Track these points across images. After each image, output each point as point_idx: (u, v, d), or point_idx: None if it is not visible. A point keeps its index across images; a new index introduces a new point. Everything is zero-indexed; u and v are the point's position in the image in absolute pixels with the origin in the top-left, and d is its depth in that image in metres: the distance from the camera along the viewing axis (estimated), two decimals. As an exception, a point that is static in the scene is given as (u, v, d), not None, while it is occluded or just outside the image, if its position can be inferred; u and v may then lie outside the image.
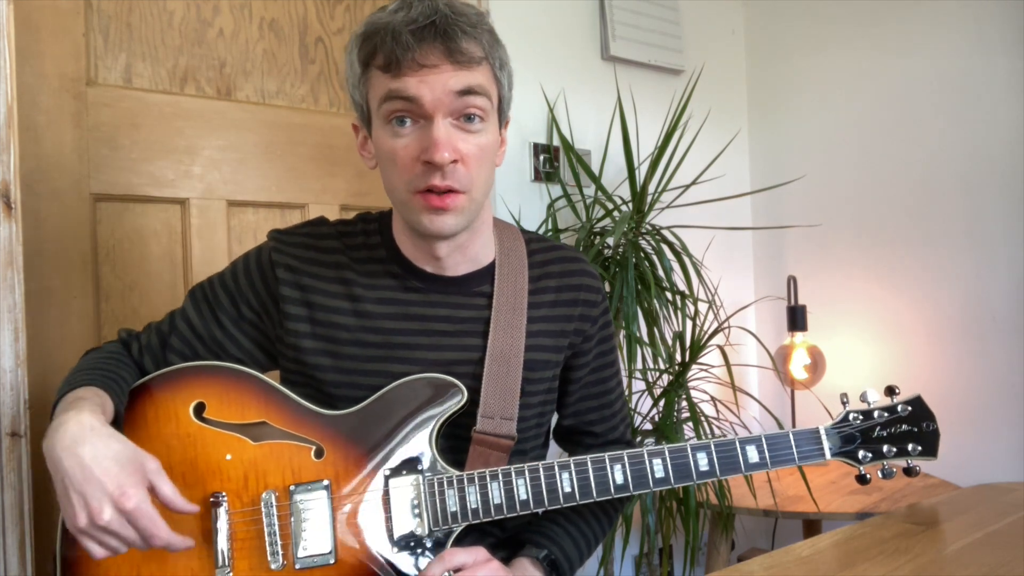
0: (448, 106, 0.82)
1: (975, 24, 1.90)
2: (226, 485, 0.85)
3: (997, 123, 1.86)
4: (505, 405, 0.92)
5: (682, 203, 1.84)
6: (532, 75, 1.89)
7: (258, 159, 1.50)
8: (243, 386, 0.89)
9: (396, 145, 0.84)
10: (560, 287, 0.99)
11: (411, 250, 0.94)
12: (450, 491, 0.86)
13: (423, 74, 0.81)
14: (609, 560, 1.72)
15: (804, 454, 0.91)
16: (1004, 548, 0.85)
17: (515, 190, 1.86)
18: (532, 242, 1.01)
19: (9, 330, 1.17)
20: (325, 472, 0.86)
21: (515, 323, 0.94)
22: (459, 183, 0.84)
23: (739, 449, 0.90)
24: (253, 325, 0.97)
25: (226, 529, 0.83)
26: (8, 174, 1.18)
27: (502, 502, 0.86)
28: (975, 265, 1.91)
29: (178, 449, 0.85)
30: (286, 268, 0.94)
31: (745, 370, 2.32)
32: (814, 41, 2.26)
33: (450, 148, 0.82)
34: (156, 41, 1.41)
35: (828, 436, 0.92)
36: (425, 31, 0.80)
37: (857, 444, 0.93)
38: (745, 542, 2.30)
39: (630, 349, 1.66)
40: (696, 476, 0.89)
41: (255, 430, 0.87)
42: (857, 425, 0.93)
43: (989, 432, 1.88)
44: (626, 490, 0.88)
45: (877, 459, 0.93)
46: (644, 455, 0.89)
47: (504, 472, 0.87)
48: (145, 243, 1.39)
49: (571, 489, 0.87)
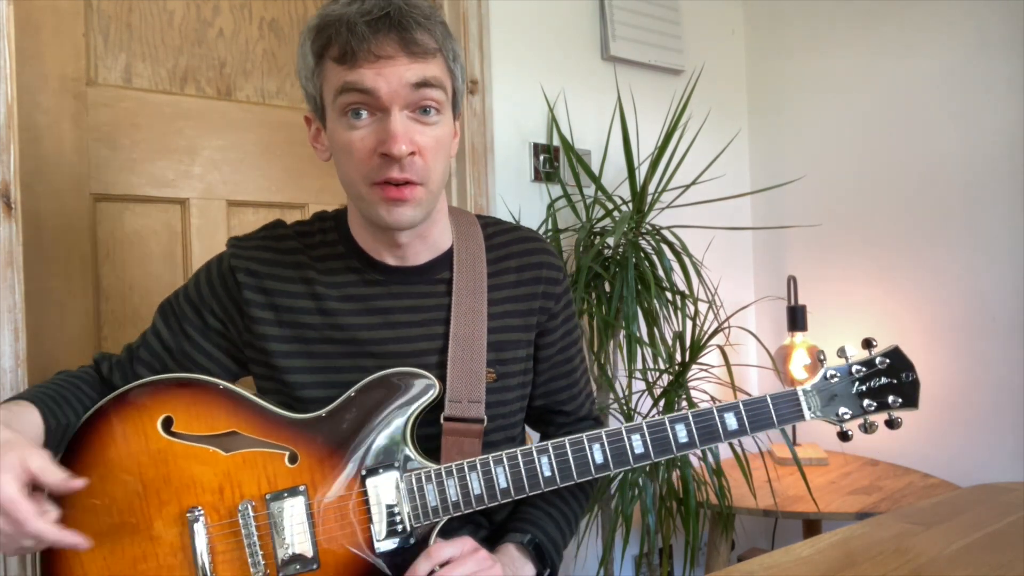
0: (404, 98, 0.82)
1: (975, 24, 1.90)
2: (201, 499, 0.84)
3: (997, 123, 1.86)
4: (471, 389, 0.92)
5: (682, 203, 1.84)
6: (532, 75, 1.89)
7: (258, 159, 1.50)
8: (210, 397, 0.87)
9: (352, 137, 0.84)
10: (521, 267, 0.99)
11: (370, 243, 0.95)
12: (429, 486, 0.85)
13: (379, 66, 0.81)
14: (609, 560, 1.72)
15: (784, 417, 0.89)
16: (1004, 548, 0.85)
17: (515, 190, 1.86)
18: (489, 226, 1.02)
19: (9, 330, 1.17)
20: (301, 477, 0.85)
21: (476, 307, 0.95)
22: (417, 175, 0.84)
23: (717, 417, 0.88)
24: (219, 333, 0.97)
25: (205, 543, 0.83)
26: (8, 174, 1.18)
27: (482, 492, 0.86)
28: (975, 265, 1.91)
29: (149, 466, 0.84)
30: (246, 272, 0.94)
31: (745, 370, 2.32)
32: (814, 41, 2.26)
33: (407, 140, 0.82)
34: (156, 41, 1.41)
35: (807, 397, 0.91)
36: (380, 22, 0.80)
37: (836, 401, 0.91)
38: (745, 542, 2.30)
39: (630, 349, 1.65)
40: (676, 448, 0.88)
41: (226, 440, 0.85)
42: (835, 383, 0.92)
43: (989, 432, 1.87)
44: (606, 469, 0.87)
45: (857, 415, 0.91)
46: (623, 432, 0.88)
47: (482, 462, 0.86)
48: (145, 243, 1.39)
49: (551, 473, 0.87)
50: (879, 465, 2.01)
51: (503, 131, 1.82)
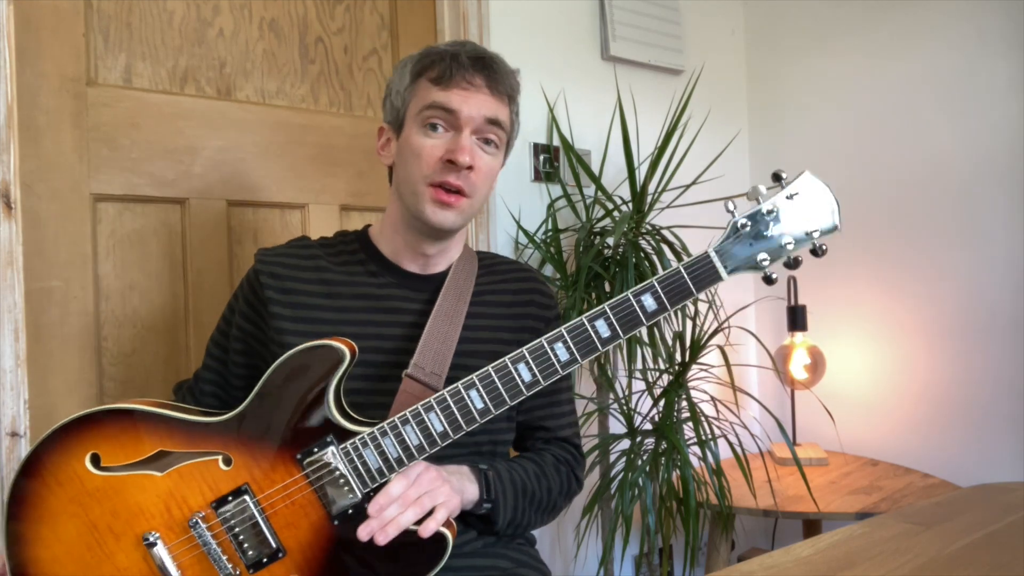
0: (476, 125, 1.00)
1: (975, 24, 1.90)
2: (152, 523, 0.85)
3: (997, 123, 1.86)
4: (436, 364, 0.98)
5: (682, 203, 1.84)
6: (532, 75, 1.89)
7: (258, 159, 1.50)
8: (126, 424, 0.88)
9: (425, 143, 1.00)
10: (517, 291, 1.12)
11: (398, 249, 1.07)
12: (367, 450, 0.87)
13: (467, 93, 0.99)
14: (609, 560, 1.72)
15: (700, 281, 0.88)
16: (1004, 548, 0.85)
17: (515, 190, 1.86)
18: (486, 258, 1.17)
19: (9, 330, 1.17)
20: (240, 477, 0.87)
21: (457, 309, 1.04)
22: (468, 187, 1.00)
23: (635, 303, 0.88)
24: (254, 336, 1.06)
25: (171, 563, 0.85)
26: (8, 174, 1.18)
27: (421, 441, 0.88)
28: (975, 265, 1.91)
29: (93, 505, 0.85)
30: (269, 275, 1.04)
31: (745, 370, 2.32)
32: (814, 41, 2.26)
33: (471, 154, 0.98)
34: (156, 41, 1.41)
35: (720, 255, 0.89)
36: (478, 61, 1.00)
37: (752, 248, 0.88)
38: (745, 542, 2.30)
39: (630, 349, 1.66)
40: (601, 344, 0.88)
41: (157, 462, 0.87)
42: (747, 231, 0.88)
43: (989, 432, 1.87)
44: (537, 384, 0.89)
45: (778, 256, 0.88)
46: (543, 344, 0.89)
47: (413, 413, 0.88)
48: (145, 243, 1.39)
49: (483, 404, 0.89)
50: (879, 465, 2.01)
51: (503, 131, 1.82)
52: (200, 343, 1.42)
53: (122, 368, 1.36)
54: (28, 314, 1.23)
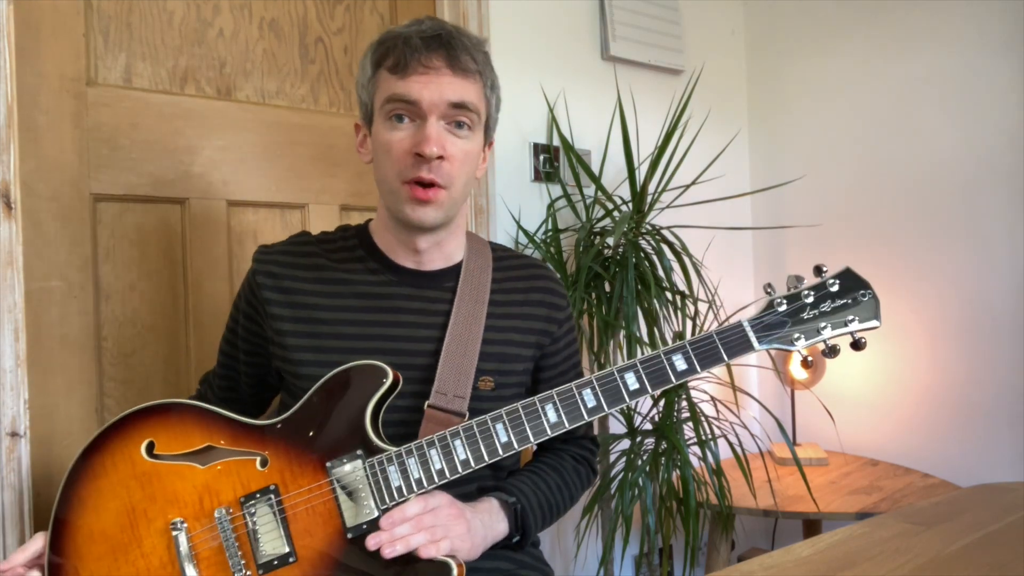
0: (442, 111, 0.93)
1: (975, 24, 1.90)
2: (183, 511, 0.89)
3: (997, 123, 1.86)
4: (458, 384, 0.98)
5: (682, 203, 1.84)
6: (532, 75, 1.89)
7: (258, 159, 1.50)
8: (186, 417, 0.93)
9: (392, 138, 0.95)
10: (528, 289, 1.08)
11: (392, 246, 1.04)
12: (391, 468, 0.89)
13: (426, 77, 0.92)
14: (609, 560, 1.72)
15: (732, 350, 0.89)
16: (1004, 548, 0.85)
17: (515, 190, 1.86)
18: (499, 251, 1.12)
19: (9, 330, 1.17)
20: (271, 478, 0.90)
21: (475, 313, 1.02)
22: (442, 178, 0.94)
23: (665, 361, 0.89)
24: (256, 335, 1.06)
25: (188, 552, 0.88)
26: (8, 174, 1.18)
27: (443, 466, 0.89)
28: (975, 265, 1.91)
29: (136, 489, 0.90)
30: (266, 275, 1.03)
31: (745, 370, 2.32)
32: (814, 41, 2.26)
33: (439, 144, 0.92)
34: (156, 41, 1.41)
35: (753, 328, 0.90)
36: (432, 40, 0.93)
37: (788, 328, 0.90)
38: (745, 542, 2.30)
39: (630, 349, 1.66)
40: (628, 396, 0.90)
41: (203, 455, 0.91)
42: (783, 311, 0.90)
43: (989, 432, 1.87)
44: (561, 427, 0.90)
45: (812, 338, 0.89)
46: (573, 390, 0.90)
47: (440, 437, 0.90)
48: (145, 243, 1.39)
49: (508, 438, 0.90)
50: (879, 465, 2.01)
51: (503, 131, 1.82)
52: (200, 343, 1.42)
53: (122, 368, 1.36)
54: (28, 314, 1.23)
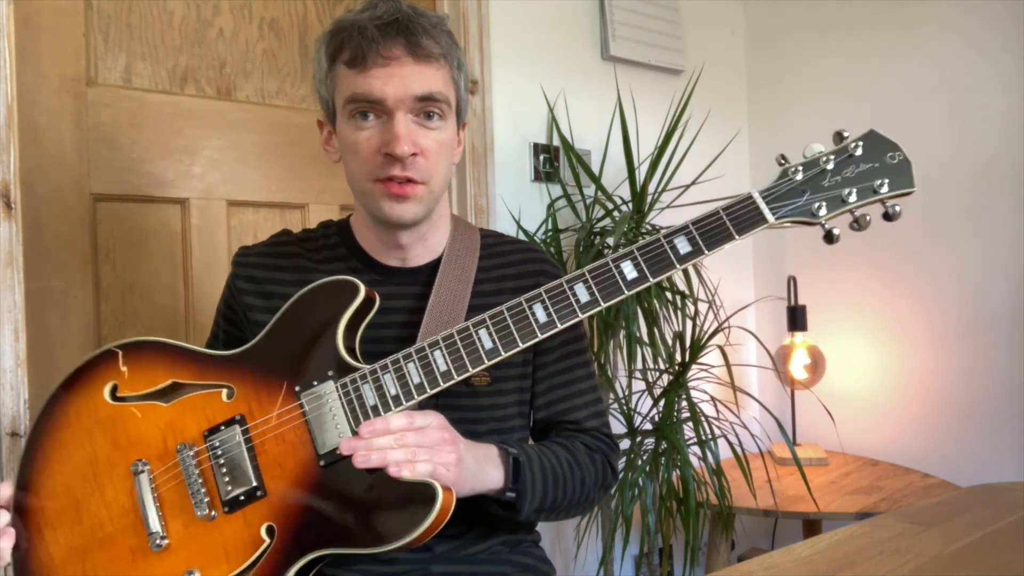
0: (408, 105, 0.87)
1: (975, 24, 1.90)
2: (146, 452, 0.84)
3: (997, 123, 1.86)
4: None
5: (682, 203, 1.84)
6: (532, 75, 1.89)
7: (258, 159, 1.50)
8: (148, 355, 0.87)
9: (359, 138, 0.88)
10: (520, 275, 1.01)
11: (374, 244, 0.98)
12: (365, 386, 0.82)
13: (387, 70, 0.85)
14: (609, 560, 1.72)
15: (742, 226, 0.79)
16: (1004, 548, 0.85)
17: (515, 190, 1.86)
18: (488, 236, 1.05)
19: (9, 330, 1.17)
20: (237, 408, 0.84)
21: (459, 292, 0.95)
22: (418, 174, 0.88)
23: (666, 244, 0.80)
24: (235, 339, 1.01)
25: (151, 494, 0.82)
26: (8, 174, 1.18)
27: (422, 380, 0.81)
28: (975, 264, 1.91)
29: (99, 435, 0.85)
30: (245, 279, 0.99)
31: (745, 370, 2.32)
32: (814, 41, 2.26)
33: (410, 142, 0.86)
34: (156, 41, 1.41)
35: (765, 198, 0.79)
36: (389, 27, 0.85)
37: (807, 197, 0.78)
38: (745, 542, 2.30)
39: (630, 349, 1.66)
40: (626, 287, 0.80)
41: (167, 393, 0.86)
42: (800, 179, 0.79)
43: (989, 432, 1.87)
44: (552, 326, 0.81)
45: (837, 207, 0.78)
46: (563, 285, 0.82)
47: (417, 349, 0.82)
48: (145, 243, 1.39)
49: (493, 344, 0.81)
50: (879, 465, 2.01)
51: (503, 131, 1.82)
52: (200, 343, 1.41)
53: (122, 368, 1.36)
54: (28, 314, 1.23)
